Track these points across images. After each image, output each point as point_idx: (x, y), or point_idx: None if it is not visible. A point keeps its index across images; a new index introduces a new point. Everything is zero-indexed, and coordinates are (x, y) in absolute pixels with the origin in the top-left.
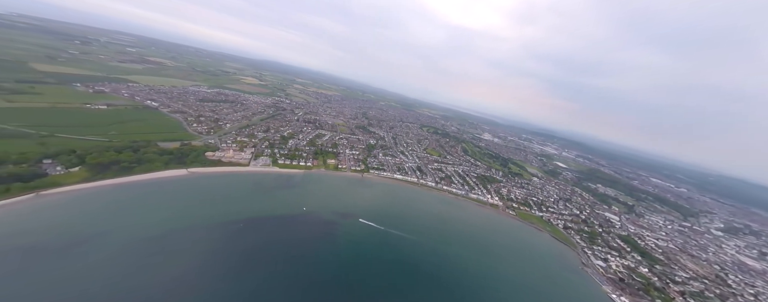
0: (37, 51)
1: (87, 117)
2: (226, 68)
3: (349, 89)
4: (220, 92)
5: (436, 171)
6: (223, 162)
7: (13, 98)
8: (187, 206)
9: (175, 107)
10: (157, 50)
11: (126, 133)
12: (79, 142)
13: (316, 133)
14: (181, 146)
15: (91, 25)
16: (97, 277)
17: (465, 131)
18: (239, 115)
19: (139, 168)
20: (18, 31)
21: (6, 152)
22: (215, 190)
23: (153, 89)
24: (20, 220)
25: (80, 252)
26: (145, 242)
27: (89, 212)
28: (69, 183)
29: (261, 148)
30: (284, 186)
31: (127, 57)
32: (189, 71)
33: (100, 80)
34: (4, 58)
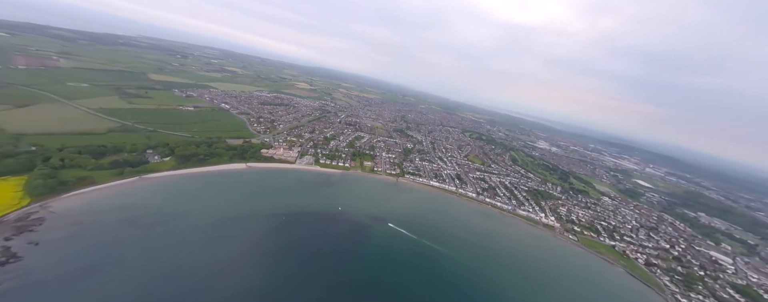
0: (152, 64)
1: (179, 116)
2: (283, 75)
3: (390, 93)
4: (277, 96)
5: (478, 181)
6: (275, 159)
7: (133, 101)
8: (243, 196)
9: (241, 109)
10: (233, 61)
11: (204, 130)
12: (171, 137)
13: (356, 135)
14: (243, 143)
15: (189, 43)
16: (172, 250)
17: (515, 137)
18: (291, 117)
19: (211, 160)
20: (141, 49)
21: (124, 143)
22: (266, 184)
23: (227, 93)
24: (127, 197)
25: (163, 228)
26: (208, 225)
27: (173, 195)
28: (162, 170)
29: (306, 147)
30: (323, 185)
31: (210, 67)
32: (255, 78)
33: (190, 86)
34: (130, 70)
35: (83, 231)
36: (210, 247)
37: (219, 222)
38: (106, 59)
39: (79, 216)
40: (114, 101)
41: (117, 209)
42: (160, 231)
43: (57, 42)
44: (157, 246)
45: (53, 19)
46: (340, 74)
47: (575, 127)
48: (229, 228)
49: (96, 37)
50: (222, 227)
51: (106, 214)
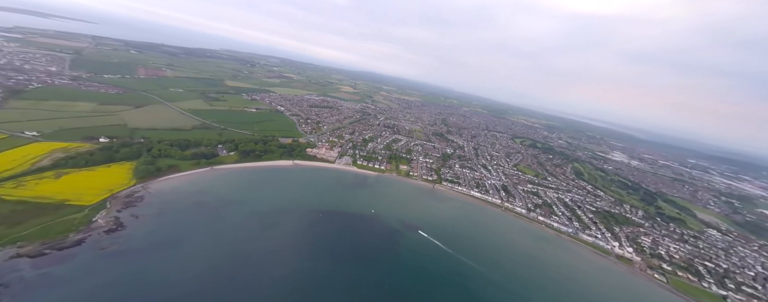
0: (229, 72)
1: (244, 117)
2: (331, 79)
3: (431, 95)
4: (324, 99)
5: (530, 195)
6: (317, 158)
7: (212, 103)
8: (288, 190)
9: (293, 111)
10: (290, 68)
11: (262, 129)
12: (237, 134)
13: (393, 138)
14: (292, 142)
15: (257, 53)
16: (230, 232)
17: (580, 146)
18: (334, 118)
19: (265, 156)
20: (222, 60)
21: (202, 138)
22: (308, 181)
23: (283, 97)
24: (200, 184)
25: (225, 212)
26: (259, 213)
27: (234, 185)
28: (228, 163)
29: (346, 148)
30: (359, 186)
31: (272, 74)
32: (306, 83)
33: (255, 91)
34: (212, 78)
35: (168, 209)
36: (259, 233)
37: (267, 212)
38: (196, 69)
39: (166, 197)
40: (199, 104)
41: (193, 193)
42: (223, 215)
43: (166, 57)
44: (220, 227)
45: (166, 39)
46: (381, 78)
47: (666, 136)
48: (274, 218)
49: (191, 52)
50: (269, 216)
51: (184, 197)
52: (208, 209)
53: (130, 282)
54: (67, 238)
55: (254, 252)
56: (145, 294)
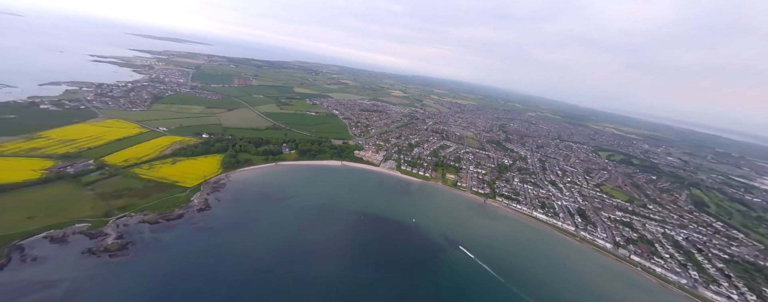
0: (298, 80)
1: (305, 119)
2: (382, 84)
3: (489, 98)
4: (375, 104)
5: (618, 225)
6: (363, 160)
7: (282, 107)
8: (335, 189)
9: (346, 115)
10: (346, 75)
11: (319, 131)
12: (298, 135)
13: (441, 144)
14: (342, 144)
15: (321, 62)
16: (286, 222)
17: (703, 166)
18: (382, 122)
19: (319, 156)
20: (293, 70)
21: (271, 137)
22: (353, 182)
23: (338, 101)
24: (266, 177)
25: (283, 203)
26: (309, 208)
27: (292, 180)
28: (288, 160)
29: (391, 152)
30: (401, 192)
31: (331, 81)
32: (360, 88)
33: (316, 96)
34: (284, 85)
35: (241, 197)
36: (307, 226)
37: (316, 207)
38: (274, 78)
39: (241, 186)
40: (272, 107)
41: (260, 185)
42: (281, 206)
43: (254, 69)
44: (278, 217)
45: (255, 54)
46: (433, 81)
47: None
48: (321, 214)
49: (272, 64)
50: (317, 212)
51: (253, 188)
52: (270, 200)
53: (209, 253)
54: (173, 212)
55: (302, 243)
56: (218, 264)
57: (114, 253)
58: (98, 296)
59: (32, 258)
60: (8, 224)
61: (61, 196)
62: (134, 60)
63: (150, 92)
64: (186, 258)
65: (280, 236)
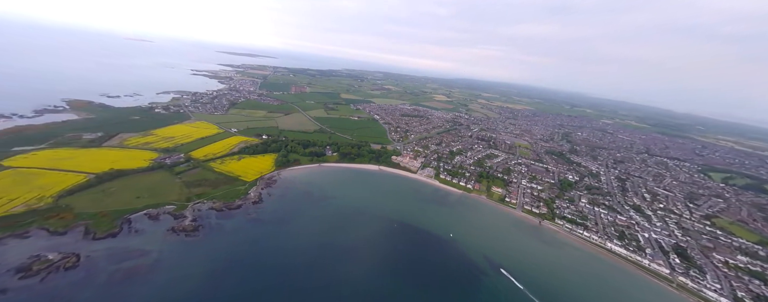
0: (345, 87)
1: (348, 124)
2: (425, 89)
3: (548, 102)
4: (416, 109)
5: (743, 275)
6: (400, 166)
7: (329, 112)
8: (370, 194)
9: (386, 120)
10: (390, 80)
11: (359, 135)
12: (340, 138)
13: (488, 153)
14: (381, 148)
15: (367, 69)
16: (323, 221)
17: None
18: (422, 128)
19: (357, 159)
20: (341, 77)
21: (317, 140)
22: (389, 187)
23: (380, 107)
24: (310, 176)
25: (323, 203)
26: (345, 209)
27: (332, 181)
28: (331, 161)
29: (429, 159)
30: (439, 202)
31: (374, 87)
32: (402, 93)
33: (359, 101)
34: (332, 92)
35: (288, 194)
36: (342, 227)
37: (352, 210)
38: (324, 86)
39: (288, 184)
40: (320, 112)
41: (304, 183)
42: (321, 205)
43: (308, 77)
44: (318, 215)
45: (310, 65)
46: (480, 84)
47: None
48: (356, 217)
49: (324, 73)
50: (353, 215)
51: (298, 186)
52: (311, 198)
53: (258, 242)
54: (234, 202)
55: (336, 245)
56: (264, 253)
57: (189, 233)
58: (175, 266)
59: (135, 230)
60: (123, 202)
61: (159, 182)
62: (219, 73)
63: (228, 98)
64: (240, 245)
65: (318, 234)
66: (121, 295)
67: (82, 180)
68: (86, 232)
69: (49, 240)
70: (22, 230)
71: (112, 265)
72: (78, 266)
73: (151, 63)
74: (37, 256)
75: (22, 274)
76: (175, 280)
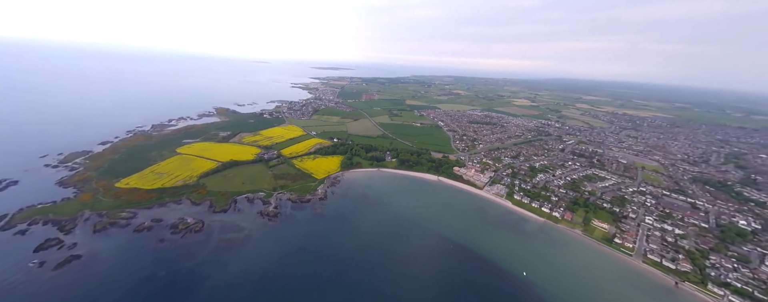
0: (411, 93)
1: (410, 130)
2: (502, 92)
3: (703, 107)
4: (488, 115)
5: None
6: (463, 179)
7: (393, 118)
8: (427, 206)
9: (451, 127)
10: (461, 84)
11: (420, 142)
12: (401, 144)
13: (588, 173)
14: (442, 157)
15: (435, 75)
16: (376, 227)
17: None
18: (495, 137)
19: (415, 167)
20: (409, 84)
21: (379, 145)
22: (448, 201)
23: (445, 113)
24: (368, 180)
25: (378, 208)
26: (398, 219)
27: (388, 187)
28: (389, 167)
29: (501, 174)
30: (510, 228)
31: (441, 92)
32: (473, 98)
33: (424, 107)
34: (398, 98)
35: (348, 194)
36: (394, 238)
37: (405, 220)
38: (391, 93)
39: (349, 185)
40: (385, 118)
41: (363, 186)
42: (376, 210)
43: (378, 85)
44: (373, 219)
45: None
46: (581, 84)
47: None
48: (408, 230)
49: (393, 80)
50: (405, 226)
51: (358, 189)
52: (368, 202)
53: (321, 236)
54: (305, 197)
55: (386, 253)
56: (324, 246)
57: (271, 218)
58: (258, 244)
59: (238, 209)
60: (233, 185)
61: (257, 172)
62: (310, 85)
63: (313, 106)
64: (305, 236)
65: (371, 238)
66: (222, 260)
67: (214, 166)
68: (210, 206)
69: (190, 208)
70: (178, 198)
71: (221, 234)
72: (202, 231)
73: (266, 79)
74: (182, 219)
75: (172, 230)
76: (257, 256)
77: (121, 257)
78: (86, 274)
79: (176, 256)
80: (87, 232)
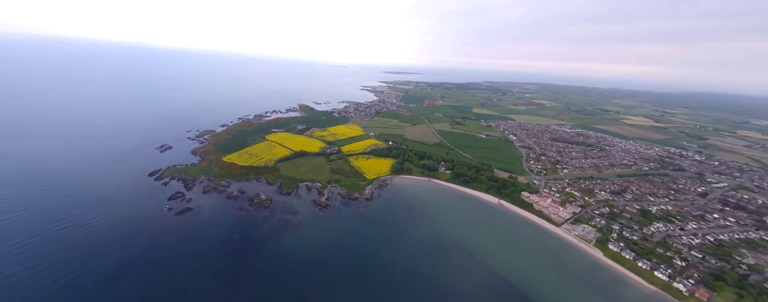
0: (480, 100)
1: (472, 141)
2: (607, 106)
3: None
4: (581, 133)
5: None
6: (533, 209)
7: (454, 127)
8: (480, 233)
9: (526, 143)
10: (547, 94)
11: (482, 156)
12: (458, 156)
13: (752, 236)
14: (508, 177)
15: (515, 81)
16: (415, 244)
17: None
18: (588, 162)
19: (472, 184)
20: (480, 90)
21: (433, 153)
22: (510, 234)
23: (521, 125)
24: (416, 189)
25: (420, 222)
26: (442, 241)
27: (437, 200)
28: (441, 179)
29: (591, 212)
30: (596, 289)
31: (520, 101)
32: (561, 111)
33: (493, 118)
34: (464, 106)
35: (393, 200)
36: (435, 259)
37: (451, 243)
38: (457, 99)
39: (396, 191)
40: (445, 126)
41: (410, 195)
42: (420, 223)
43: (444, 90)
44: (415, 232)
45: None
46: (755, 103)
47: None
48: (455, 255)
49: (461, 86)
50: (451, 249)
51: (405, 196)
52: (413, 212)
53: (362, 235)
54: (353, 194)
55: (422, 276)
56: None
57: (322, 209)
58: (308, 230)
59: (298, 195)
60: (299, 173)
61: (318, 164)
62: (377, 88)
63: (376, 108)
64: (348, 232)
65: (408, 252)
66: (277, 237)
67: (288, 154)
68: (279, 187)
69: (265, 186)
70: (259, 177)
71: (282, 214)
72: (269, 208)
73: (342, 82)
74: (257, 194)
75: (249, 202)
76: (304, 241)
77: (215, 217)
78: (192, 224)
79: (248, 225)
80: (199, 192)
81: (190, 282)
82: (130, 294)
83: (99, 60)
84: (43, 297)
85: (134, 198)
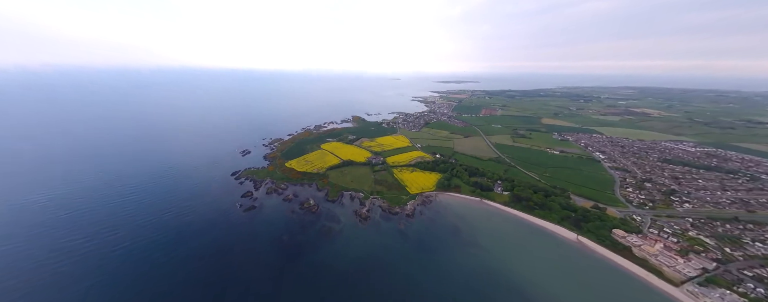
0: (551, 110)
1: (541, 158)
2: (757, 114)
3: None
4: (711, 153)
5: None
6: (631, 253)
7: (517, 140)
8: (548, 276)
9: (620, 163)
10: (652, 101)
11: (555, 177)
12: (521, 175)
13: None
14: (592, 207)
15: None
16: (461, 281)
17: None
18: (727, 195)
19: (538, 211)
20: (552, 98)
21: (488, 170)
22: (591, 284)
23: (612, 140)
24: (465, 210)
25: (469, 250)
26: (493, 278)
27: (489, 226)
28: (497, 201)
29: (736, 273)
30: None
31: (611, 110)
32: (677, 123)
33: (572, 130)
34: (531, 116)
35: (437, 218)
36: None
37: (503, 283)
38: (522, 108)
39: (441, 209)
40: (505, 139)
41: (456, 216)
42: (465, 252)
43: (505, 99)
44: (459, 262)
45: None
46: None
47: None
48: (510, 299)
49: (527, 93)
50: (504, 290)
51: (450, 216)
52: (458, 238)
53: (398, 254)
54: (394, 208)
55: None
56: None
57: (362, 220)
58: (347, 240)
59: (341, 203)
60: (345, 181)
61: (363, 174)
62: (428, 98)
63: (425, 119)
64: (385, 248)
65: (450, 289)
66: (318, 243)
67: (337, 162)
68: (326, 194)
69: (315, 192)
70: (311, 182)
71: (325, 221)
72: (315, 213)
73: (394, 93)
74: (307, 198)
75: (300, 206)
76: (342, 251)
77: (272, 216)
78: (255, 221)
79: (296, 228)
80: (263, 192)
81: (243, 275)
82: (197, 275)
83: (213, 83)
84: (147, 272)
85: (217, 194)
